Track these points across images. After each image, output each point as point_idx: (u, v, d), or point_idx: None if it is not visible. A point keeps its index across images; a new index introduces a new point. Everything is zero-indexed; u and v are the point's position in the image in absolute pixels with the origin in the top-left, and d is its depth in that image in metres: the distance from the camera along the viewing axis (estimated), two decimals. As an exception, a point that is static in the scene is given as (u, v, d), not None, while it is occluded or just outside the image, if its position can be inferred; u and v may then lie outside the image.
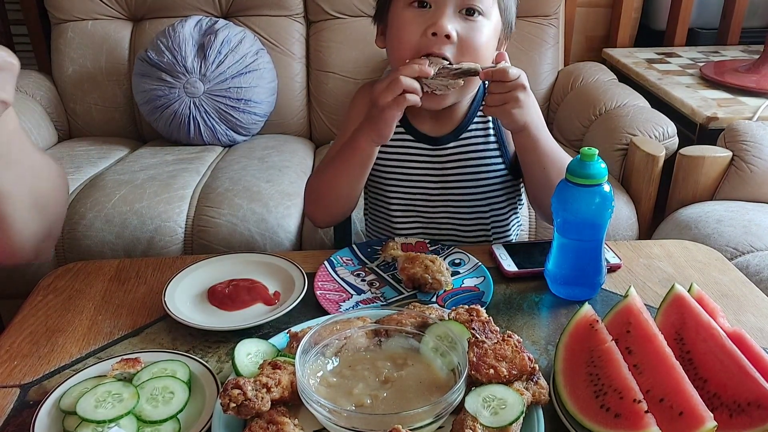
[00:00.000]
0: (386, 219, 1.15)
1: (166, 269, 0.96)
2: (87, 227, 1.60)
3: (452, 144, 1.07)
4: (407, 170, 1.09)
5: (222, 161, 1.97)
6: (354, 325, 0.71)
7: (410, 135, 1.08)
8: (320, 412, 0.60)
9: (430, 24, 0.94)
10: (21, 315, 0.85)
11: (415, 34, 0.95)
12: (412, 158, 1.08)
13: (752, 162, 1.63)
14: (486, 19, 0.96)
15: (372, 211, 1.19)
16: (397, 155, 1.09)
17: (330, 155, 1.10)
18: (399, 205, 1.11)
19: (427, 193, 1.09)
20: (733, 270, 0.97)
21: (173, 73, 2.01)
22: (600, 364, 0.66)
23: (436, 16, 0.94)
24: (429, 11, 0.95)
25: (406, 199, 1.11)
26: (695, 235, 1.50)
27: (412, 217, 1.12)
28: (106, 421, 0.62)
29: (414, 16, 0.96)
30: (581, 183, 0.81)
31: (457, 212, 1.11)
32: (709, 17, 2.57)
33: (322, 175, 1.08)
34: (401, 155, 1.09)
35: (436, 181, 1.09)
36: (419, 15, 0.96)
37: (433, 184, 1.09)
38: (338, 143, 1.10)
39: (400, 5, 0.98)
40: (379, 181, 1.12)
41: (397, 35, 0.99)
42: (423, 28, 0.94)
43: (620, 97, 2.02)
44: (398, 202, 1.11)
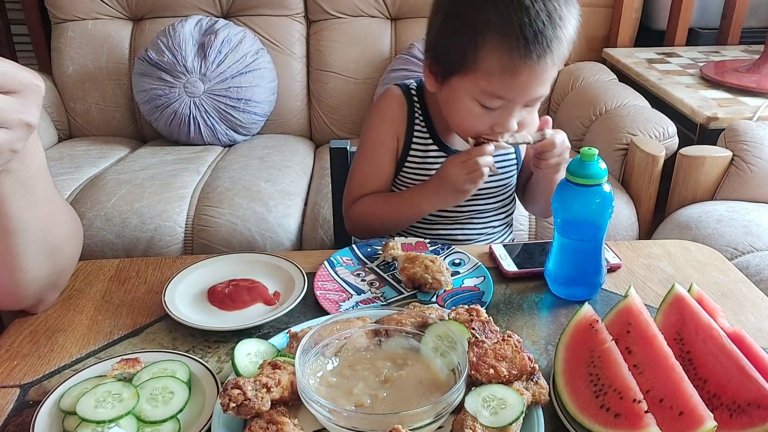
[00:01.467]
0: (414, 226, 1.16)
1: (166, 269, 0.96)
2: (87, 227, 1.60)
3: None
4: None
5: (222, 161, 1.97)
6: (354, 325, 0.71)
7: (443, 152, 1.10)
8: (320, 412, 0.60)
9: (497, 123, 0.97)
10: (21, 315, 0.85)
11: (481, 127, 0.99)
12: None
13: (752, 162, 1.63)
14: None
15: None
16: (428, 167, 1.11)
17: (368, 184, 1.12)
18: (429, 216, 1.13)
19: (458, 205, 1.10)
20: (733, 270, 0.97)
21: (173, 73, 2.01)
22: (600, 364, 0.66)
23: (503, 117, 0.97)
24: (497, 110, 0.97)
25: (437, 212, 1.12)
26: (695, 235, 1.50)
27: (439, 225, 1.15)
28: (106, 421, 0.62)
29: (481, 113, 0.98)
30: (581, 183, 0.81)
31: (480, 217, 1.15)
32: (710, 17, 2.57)
33: (372, 212, 1.11)
34: (433, 167, 1.10)
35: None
36: (486, 113, 0.97)
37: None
38: (363, 152, 1.13)
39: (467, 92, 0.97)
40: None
41: (461, 122, 1.02)
42: (489, 124, 0.98)
43: (620, 97, 2.02)
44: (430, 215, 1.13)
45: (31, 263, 0.75)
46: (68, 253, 0.83)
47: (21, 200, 0.69)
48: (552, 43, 0.91)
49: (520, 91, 0.95)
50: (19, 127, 0.57)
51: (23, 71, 0.56)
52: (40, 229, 0.74)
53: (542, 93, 0.97)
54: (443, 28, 0.98)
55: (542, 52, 0.91)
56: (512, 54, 0.91)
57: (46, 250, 0.77)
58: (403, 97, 1.11)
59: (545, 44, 0.91)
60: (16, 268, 0.75)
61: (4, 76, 0.54)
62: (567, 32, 0.94)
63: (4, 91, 0.55)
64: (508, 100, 0.95)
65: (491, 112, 0.97)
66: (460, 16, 0.95)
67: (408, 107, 1.10)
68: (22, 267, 0.75)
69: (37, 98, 0.58)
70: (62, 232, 0.80)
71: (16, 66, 0.56)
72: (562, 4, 0.93)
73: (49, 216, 0.75)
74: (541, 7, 0.90)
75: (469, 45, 0.94)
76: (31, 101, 0.57)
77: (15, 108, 0.56)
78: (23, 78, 0.56)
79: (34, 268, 0.76)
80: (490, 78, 0.93)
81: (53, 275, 0.81)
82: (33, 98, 0.57)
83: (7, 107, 0.55)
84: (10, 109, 0.55)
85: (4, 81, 0.54)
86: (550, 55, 0.92)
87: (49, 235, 0.76)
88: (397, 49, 2.24)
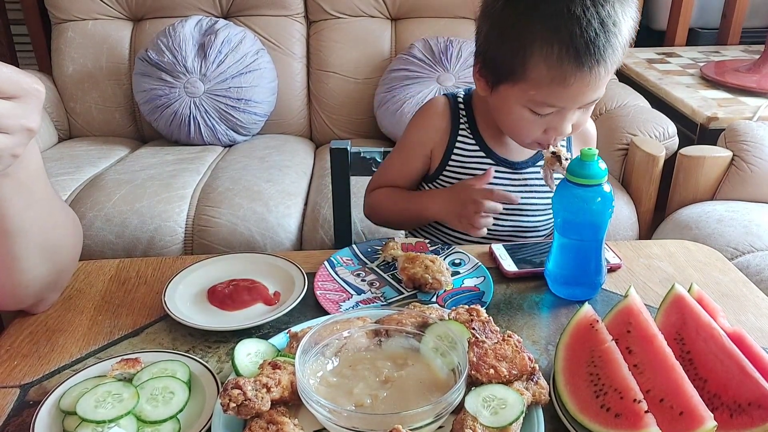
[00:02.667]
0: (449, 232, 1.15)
1: (166, 269, 0.96)
2: (87, 227, 1.60)
3: (530, 169, 1.09)
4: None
5: (222, 161, 1.97)
6: (354, 325, 0.71)
7: (489, 158, 1.09)
8: (320, 412, 0.60)
9: (552, 127, 0.96)
10: (21, 315, 0.85)
11: (534, 132, 0.97)
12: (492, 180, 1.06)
13: (752, 162, 1.63)
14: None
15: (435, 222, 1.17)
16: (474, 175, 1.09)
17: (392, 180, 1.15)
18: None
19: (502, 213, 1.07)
20: (734, 270, 0.97)
21: (173, 73, 2.01)
22: (600, 364, 0.66)
23: (557, 121, 0.95)
24: (550, 115, 0.95)
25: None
26: (695, 235, 1.50)
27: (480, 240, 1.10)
28: (106, 421, 0.62)
29: (533, 119, 0.96)
30: (581, 183, 0.81)
31: (525, 229, 1.13)
32: (710, 17, 2.57)
33: (386, 202, 1.15)
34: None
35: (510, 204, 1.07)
36: (538, 119, 0.96)
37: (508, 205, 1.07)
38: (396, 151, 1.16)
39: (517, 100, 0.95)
40: None
41: (513, 128, 1.01)
42: (543, 128, 0.97)
43: (620, 97, 2.02)
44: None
45: (30, 264, 0.75)
46: (68, 253, 0.83)
47: (19, 202, 0.69)
48: (605, 53, 0.88)
49: (572, 100, 0.93)
50: (21, 132, 0.57)
51: (24, 76, 0.56)
52: (39, 229, 0.74)
53: (596, 97, 0.95)
54: (490, 35, 0.95)
55: (594, 63, 0.88)
56: (563, 65, 0.88)
57: (45, 250, 0.77)
58: (447, 106, 1.10)
59: (598, 55, 0.87)
60: (15, 269, 0.75)
61: (5, 81, 0.54)
62: (621, 38, 0.90)
63: (5, 96, 0.55)
64: (560, 107, 0.94)
65: (543, 117, 0.95)
66: (508, 25, 0.92)
67: (452, 115, 1.10)
68: (22, 268, 0.75)
69: (38, 103, 0.58)
70: (61, 232, 0.80)
71: (17, 71, 0.56)
72: (618, 7, 0.88)
73: (47, 216, 0.75)
74: (593, 15, 0.86)
75: (516, 55, 0.91)
76: (32, 106, 0.57)
77: (16, 113, 0.56)
78: (24, 83, 0.56)
79: (34, 268, 0.77)
80: (540, 88, 0.91)
81: (53, 275, 0.81)
82: (34, 103, 0.57)
83: (8, 113, 0.55)
84: (11, 114, 0.55)
85: (6, 86, 0.54)
86: (603, 65, 0.89)
87: (47, 236, 0.76)
88: (397, 49, 2.24)
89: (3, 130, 0.55)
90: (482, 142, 1.09)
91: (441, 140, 1.10)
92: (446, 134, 1.10)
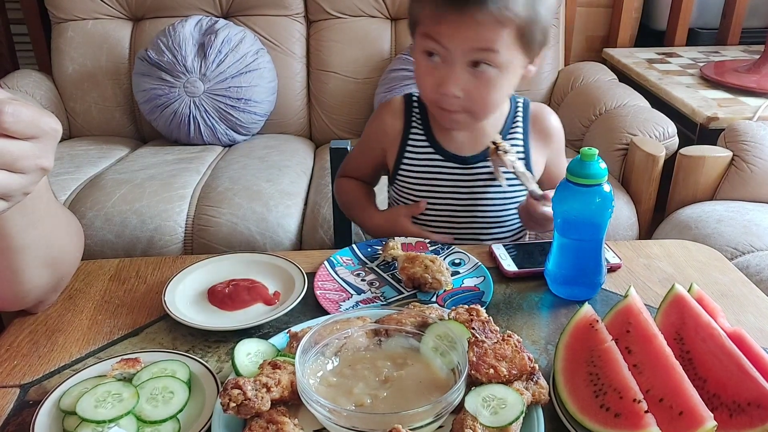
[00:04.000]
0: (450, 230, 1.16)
1: (166, 269, 0.96)
2: (87, 227, 1.60)
3: (481, 164, 1.09)
4: (436, 187, 1.11)
5: (222, 161, 1.97)
6: (354, 325, 0.71)
7: (439, 155, 1.10)
8: (320, 412, 0.60)
9: (440, 82, 0.97)
10: (21, 315, 0.85)
11: (430, 86, 0.99)
12: (440, 176, 1.10)
13: (752, 162, 1.63)
14: (497, 69, 0.96)
15: None
16: (425, 173, 1.11)
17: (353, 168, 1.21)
18: (425, 219, 1.13)
19: (455, 208, 1.11)
20: (733, 270, 0.97)
21: (173, 73, 2.01)
22: (600, 364, 0.66)
23: (444, 74, 0.97)
24: (440, 64, 0.97)
25: (433, 214, 1.13)
26: (695, 235, 1.50)
27: (437, 230, 1.13)
28: (106, 421, 0.62)
29: (427, 68, 0.99)
30: (581, 183, 0.81)
31: (483, 224, 1.13)
32: (710, 17, 2.57)
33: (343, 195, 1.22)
34: (429, 173, 1.11)
35: (464, 197, 1.10)
36: (432, 68, 0.98)
37: (461, 200, 1.11)
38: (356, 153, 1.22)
39: (418, 47, 1.00)
40: (404, 196, 1.14)
41: (417, 81, 1.04)
42: (435, 83, 0.98)
43: (620, 97, 2.02)
44: (424, 217, 1.13)
45: (30, 275, 0.76)
46: (69, 261, 0.83)
47: (21, 221, 0.69)
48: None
49: (449, 38, 0.93)
50: (35, 172, 0.58)
51: (44, 117, 0.57)
52: (41, 245, 0.74)
53: (478, 45, 0.93)
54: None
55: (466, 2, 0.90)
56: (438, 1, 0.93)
57: (47, 262, 0.77)
58: (402, 105, 1.13)
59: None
60: (15, 281, 0.75)
61: (26, 125, 0.55)
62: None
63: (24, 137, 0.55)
64: (442, 45, 0.94)
65: (436, 68, 0.97)
66: None
67: (406, 114, 1.12)
68: (22, 279, 0.76)
69: (54, 143, 0.59)
70: (63, 244, 0.80)
71: (38, 111, 0.56)
72: None
73: (49, 232, 0.75)
74: None
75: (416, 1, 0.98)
76: (48, 146, 0.58)
77: (33, 154, 0.56)
78: (43, 123, 0.56)
79: (35, 279, 0.77)
80: (425, 22, 0.96)
81: (53, 282, 0.82)
82: (50, 143, 0.58)
83: (26, 154, 0.56)
84: (28, 155, 0.56)
85: (26, 129, 0.55)
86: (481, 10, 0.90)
87: (49, 249, 0.77)
88: (397, 49, 2.24)
89: (18, 170, 0.56)
90: (433, 139, 1.10)
91: (394, 139, 1.12)
92: (399, 133, 1.12)
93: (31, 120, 0.55)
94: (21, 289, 0.77)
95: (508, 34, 0.93)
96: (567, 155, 2.09)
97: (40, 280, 0.78)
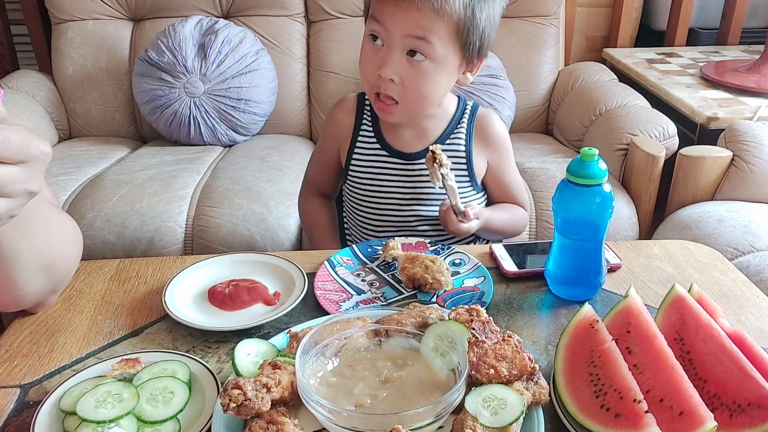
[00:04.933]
0: (361, 225, 1.20)
1: (166, 269, 0.96)
2: (87, 227, 1.60)
3: (423, 161, 1.10)
4: (381, 182, 1.15)
5: (222, 161, 1.97)
6: (354, 325, 0.71)
7: (384, 150, 1.14)
8: (320, 412, 0.60)
9: (379, 66, 1.01)
10: (21, 315, 0.85)
11: (370, 70, 1.03)
12: (385, 171, 1.14)
13: (752, 162, 1.63)
14: (432, 63, 1.00)
15: (349, 217, 1.25)
16: (372, 168, 1.15)
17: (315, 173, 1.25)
18: (372, 213, 1.17)
19: (399, 203, 1.15)
20: (733, 270, 0.97)
21: (173, 73, 2.01)
22: (600, 364, 0.66)
23: (383, 58, 1.00)
24: (382, 49, 1.01)
25: (379, 208, 1.16)
26: (695, 235, 1.50)
27: (385, 225, 1.17)
28: (106, 422, 0.62)
29: (370, 51, 1.03)
30: (581, 183, 0.81)
31: (427, 221, 1.16)
32: (710, 17, 2.57)
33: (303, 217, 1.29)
34: (376, 168, 1.15)
35: (407, 192, 1.14)
36: (374, 51, 1.02)
37: (405, 195, 1.14)
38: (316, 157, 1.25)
39: (366, 31, 1.04)
40: (354, 191, 1.18)
41: (360, 65, 1.06)
42: (375, 66, 1.01)
43: (620, 97, 2.02)
44: (372, 211, 1.17)
45: (26, 282, 0.76)
46: (65, 267, 0.83)
47: (15, 231, 0.69)
48: None
49: (389, 18, 0.97)
50: (22, 196, 0.58)
51: (34, 141, 0.57)
52: (34, 254, 0.74)
53: (414, 32, 0.97)
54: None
55: None
56: None
57: (41, 269, 0.77)
58: (355, 102, 1.17)
59: None
60: (11, 287, 0.76)
61: (15, 150, 0.55)
62: None
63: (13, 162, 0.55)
64: (384, 26, 0.98)
65: (378, 50, 1.01)
66: None
67: (357, 111, 1.16)
68: (18, 285, 0.76)
69: (43, 166, 0.59)
70: (58, 251, 0.80)
71: (27, 135, 0.56)
72: None
73: (42, 241, 0.75)
74: None
75: None
76: (36, 170, 0.58)
77: (21, 178, 0.56)
78: (33, 149, 0.56)
79: (30, 285, 0.78)
80: (374, 3, 1.00)
81: (50, 286, 0.82)
82: (39, 167, 0.58)
83: (14, 179, 0.56)
84: (16, 180, 0.56)
85: (15, 155, 0.55)
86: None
87: (43, 257, 0.77)
88: (397, 50, 2.24)
89: (6, 195, 0.56)
90: (380, 136, 1.14)
91: (347, 135, 1.16)
92: (350, 130, 1.16)
93: (20, 146, 0.55)
94: (18, 294, 0.77)
95: (444, 29, 0.97)
96: (567, 155, 2.11)
97: (36, 285, 0.78)
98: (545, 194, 1.73)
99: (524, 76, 2.23)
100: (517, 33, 2.22)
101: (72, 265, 0.85)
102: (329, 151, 1.20)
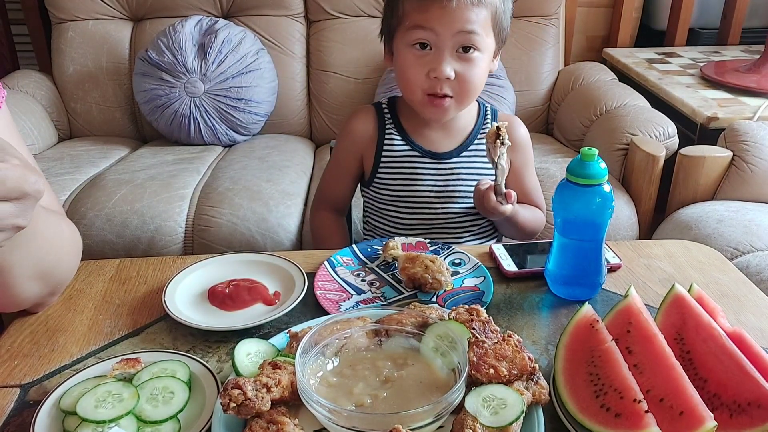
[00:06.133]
0: (390, 226, 1.20)
1: (166, 269, 0.96)
2: (87, 227, 1.60)
3: (455, 159, 1.15)
4: (414, 182, 1.16)
5: (222, 161, 1.97)
6: (354, 325, 0.71)
7: (416, 151, 1.15)
8: (320, 412, 0.60)
9: (432, 68, 1.04)
10: (21, 315, 0.85)
11: (420, 76, 1.05)
12: (418, 171, 1.15)
13: (752, 162, 1.63)
14: (481, 53, 1.04)
15: (375, 221, 1.24)
16: (404, 169, 1.16)
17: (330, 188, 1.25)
18: (405, 213, 1.18)
19: (432, 201, 1.16)
20: (734, 270, 0.97)
21: (174, 73, 2.01)
22: (600, 364, 0.66)
23: (436, 60, 1.03)
24: (430, 53, 1.04)
25: (412, 208, 1.17)
26: (695, 235, 1.50)
27: (416, 223, 1.18)
28: (107, 421, 0.62)
29: (416, 58, 1.05)
30: (581, 183, 0.81)
31: (457, 219, 1.17)
32: (710, 17, 2.57)
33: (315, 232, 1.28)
34: (408, 169, 1.16)
35: (440, 190, 1.15)
36: (421, 57, 1.04)
37: (437, 193, 1.15)
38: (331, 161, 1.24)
39: (403, 43, 1.06)
40: (384, 193, 1.18)
41: (404, 76, 1.08)
42: (426, 70, 1.04)
43: (620, 97, 2.02)
44: (404, 211, 1.17)
45: (21, 288, 0.77)
46: (62, 273, 0.84)
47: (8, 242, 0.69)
48: None
49: (437, 22, 1.01)
50: (12, 229, 0.58)
51: (29, 178, 0.57)
52: (29, 263, 0.75)
53: (463, 27, 1.01)
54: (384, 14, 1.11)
55: None
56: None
57: (37, 276, 0.78)
58: (372, 112, 1.19)
59: None
60: (8, 293, 0.76)
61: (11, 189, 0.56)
62: None
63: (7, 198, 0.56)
64: (434, 31, 1.01)
65: (426, 55, 1.04)
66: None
67: (377, 119, 1.18)
68: (14, 292, 0.76)
69: (35, 203, 0.60)
70: (54, 258, 0.80)
71: (23, 172, 0.57)
72: None
73: (36, 250, 0.75)
74: None
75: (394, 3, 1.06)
76: (28, 206, 0.59)
77: (12, 214, 0.57)
78: (28, 187, 0.57)
79: (26, 291, 0.78)
80: (411, 15, 1.03)
81: (48, 290, 0.82)
82: (31, 203, 0.59)
83: (5, 214, 0.56)
84: (8, 215, 0.57)
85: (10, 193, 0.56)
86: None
87: (39, 265, 0.77)
88: (397, 49, 2.24)
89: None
90: (408, 138, 1.16)
91: (370, 143, 1.17)
92: (374, 137, 1.17)
93: (17, 184, 0.56)
94: (15, 299, 0.78)
95: (485, 18, 1.03)
96: (567, 155, 2.11)
97: (31, 292, 0.79)
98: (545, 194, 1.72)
99: (524, 76, 2.23)
100: (517, 33, 2.22)
101: (69, 270, 0.85)
102: (348, 162, 1.20)
